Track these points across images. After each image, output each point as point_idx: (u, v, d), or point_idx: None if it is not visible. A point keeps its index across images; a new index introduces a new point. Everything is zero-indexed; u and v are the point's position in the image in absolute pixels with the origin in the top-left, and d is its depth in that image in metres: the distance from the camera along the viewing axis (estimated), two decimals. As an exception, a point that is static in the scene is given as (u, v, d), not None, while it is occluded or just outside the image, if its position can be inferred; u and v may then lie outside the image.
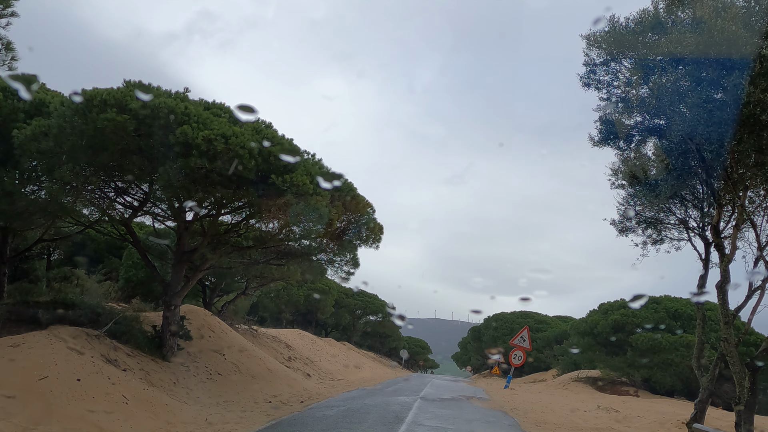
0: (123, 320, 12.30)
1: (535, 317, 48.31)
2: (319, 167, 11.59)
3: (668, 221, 8.45)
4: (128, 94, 10.19)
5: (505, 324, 48.46)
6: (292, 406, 12.03)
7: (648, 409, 17.79)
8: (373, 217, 12.69)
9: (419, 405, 13.33)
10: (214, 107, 11.45)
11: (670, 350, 24.60)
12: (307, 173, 10.80)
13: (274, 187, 10.38)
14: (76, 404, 7.39)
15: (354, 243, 12.78)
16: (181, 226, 13.08)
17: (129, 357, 10.94)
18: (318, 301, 37.54)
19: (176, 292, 12.93)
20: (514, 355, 26.15)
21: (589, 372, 30.59)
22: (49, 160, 10.12)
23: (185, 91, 11.03)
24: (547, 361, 41.88)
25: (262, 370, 14.79)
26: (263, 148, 10.36)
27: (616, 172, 8.43)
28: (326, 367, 24.29)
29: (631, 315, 26.81)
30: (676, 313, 26.52)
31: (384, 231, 13.12)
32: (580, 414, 14.90)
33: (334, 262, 14.78)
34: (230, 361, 14.09)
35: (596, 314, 28.64)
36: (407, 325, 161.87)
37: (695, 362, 8.09)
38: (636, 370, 25.92)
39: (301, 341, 27.82)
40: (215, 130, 9.90)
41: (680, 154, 6.63)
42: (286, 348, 22.82)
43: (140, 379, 10.15)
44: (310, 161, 11.54)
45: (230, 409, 10.68)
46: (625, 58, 6.30)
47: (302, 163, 10.93)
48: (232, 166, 9.95)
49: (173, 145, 9.84)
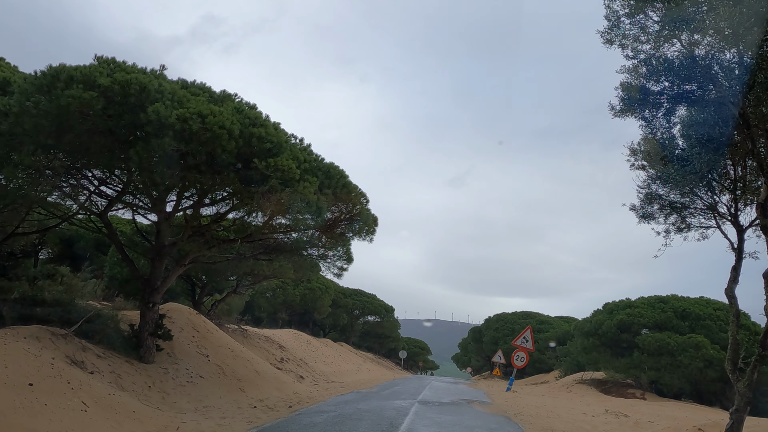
0: (96, 319, 11.40)
1: (537, 317, 47.38)
2: (308, 153, 10.69)
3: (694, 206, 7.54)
4: (98, 70, 9.28)
5: (506, 324, 47.56)
6: (278, 411, 11.11)
7: (658, 413, 16.87)
8: (367, 207, 11.78)
9: (416, 410, 12.42)
10: (193, 87, 10.55)
11: (679, 351, 23.67)
12: (293, 158, 9.91)
13: (258, 173, 9.48)
14: (23, 413, 6.47)
15: (346, 236, 11.86)
16: (161, 218, 12.16)
17: (99, 358, 10.03)
18: (314, 300, 36.61)
19: (155, 289, 12.02)
20: (516, 357, 25.24)
21: (594, 374, 29.67)
22: (8, 142, 9.20)
23: (161, 69, 10.11)
24: (549, 363, 40.96)
25: (249, 372, 13.87)
26: (245, 129, 9.46)
27: (636, 152, 7.50)
28: (321, 369, 23.38)
29: (638, 315, 25.88)
30: (684, 312, 25.59)
31: (378, 223, 12.22)
32: (588, 419, 13.98)
33: (326, 257, 13.86)
34: (215, 362, 13.17)
35: (601, 314, 27.71)
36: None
37: (730, 365, 7.17)
38: (642, 371, 24.98)
39: (295, 342, 26.92)
40: (191, 108, 8.99)
41: (716, 123, 5.71)
42: (279, 349, 21.91)
43: (109, 383, 9.24)
44: (297, 146, 10.64)
45: (209, 415, 9.76)
46: (653, 10, 5.38)
47: (289, 148, 10.02)
48: (209, 148, 9.05)
49: (145, 124, 8.93)
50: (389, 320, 50.76)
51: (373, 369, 36.01)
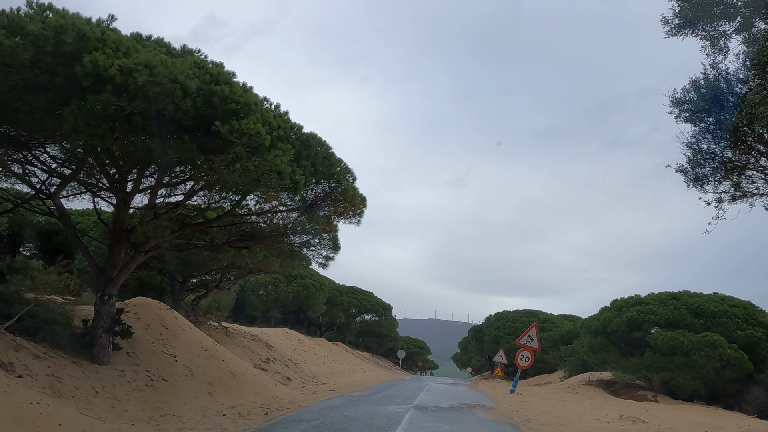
0: (40, 313, 9.89)
1: (540, 316, 45.84)
2: (283, 120, 9.17)
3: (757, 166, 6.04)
4: (28, 15, 7.80)
5: (507, 323, 46.02)
6: (250, 419, 9.60)
7: (677, 418, 15.36)
8: (354, 185, 10.26)
9: (411, 417, 10.91)
10: (148, 41, 9.04)
11: (693, 351, 22.15)
12: (264, 123, 8.38)
13: (220, 139, 7.96)
14: None
15: (331, 218, 10.34)
16: (119, 199, 10.66)
17: (36, 359, 8.51)
18: (308, 298, 35.09)
19: (111, 279, 10.51)
20: (520, 356, 23.71)
21: (601, 374, 28.16)
22: None
23: (110, 19, 8.59)
24: (553, 363, 39.43)
25: (223, 374, 12.35)
26: (205, 87, 7.94)
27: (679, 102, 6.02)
28: (311, 370, 21.87)
29: (648, 312, 24.35)
30: (698, 309, 24.06)
31: (367, 205, 10.70)
32: (603, 427, 12.48)
33: (311, 244, 12.35)
34: (183, 363, 11.66)
35: (609, 311, 26.17)
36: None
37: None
38: (655, 372, 23.46)
39: (286, 341, 25.40)
40: (137, 58, 7.48)
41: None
42: (265, 348, 20.40)
43: (41, 388, 7.73)
44: (270, 111, 9.11)
45: (164, 426, 8.26)
46: None
47: (259, 111, 8.49)
48: (159, 106, 7.53)
49: (81, 78, 7.41)
50: (387, 319, 49.19)
51: (369, 369, 34.47)
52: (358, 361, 35.51)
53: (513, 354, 35.94)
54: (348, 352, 37.81)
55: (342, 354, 33.55)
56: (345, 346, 40.85)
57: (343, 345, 40.77)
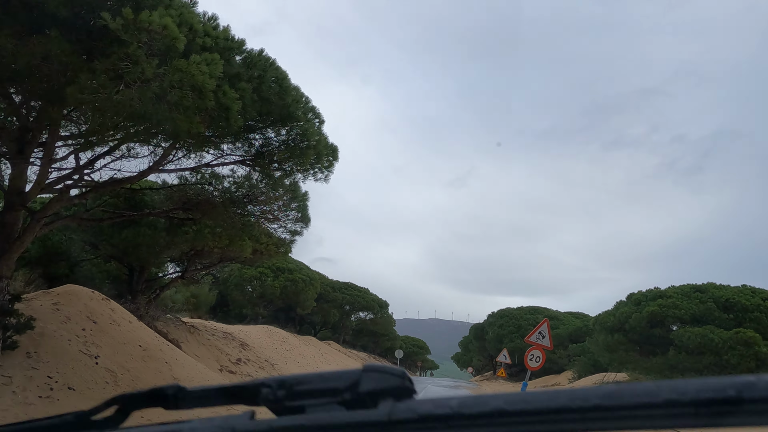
0: None
1: (545, 313, 43.23)
2: (211, 26, 6.63)
3: None
4: None
5: (511, 321, 43.49)
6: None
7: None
8: (320, 129, 7.70)
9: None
10: None
11: (725, 349, 19.65)
12: (181, 23, 5.84)
13: (107, 36, 5.43)
14: None
15: (288, 168, 7.76)
16: (13, 150, 8.11)
17: None
18: (297, 294, 32.52)
19: (1, 256, 7.97)
20: (530, 356, 21.07)
21: (616, 375, 25.64)
22: None
23: None
24: (561, 362, 36.90)
25: (161, 379, 9.82)
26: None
27: None
28: (292, 372, 19.31)
29: (671, 306, 21.81)
30: (727, 303, 21.52)
31: (338, 157, 8.14)
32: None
33: (272, 215, 9.81)
34: (107, 367, 9.12)
35: (626, 306, 23.63)
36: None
37: None
38: (680, 373, 20.93)
39: (267, 340, 22.86)
40: None
41: None
42: (238, 348, 17.86)
43: None
44: (197, 15, 6.54)
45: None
46: None
47: (173, 6, 5.94)
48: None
49: None
50: (383, 316, 46.58)
51: None
52: (350, 362, 32.95)
53: (517, 354, 33.26)
54: (340, 351, 35.26)
55: (332, 354, 30.97)
56: (338, 345, 38.32)
57: (336, 344, 38.24)
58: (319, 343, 31.81)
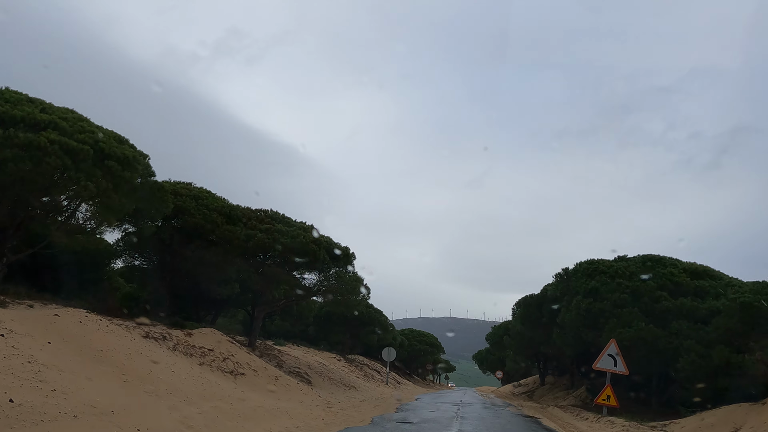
0: None
1: (678, 265, 20.87)
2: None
3: None
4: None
5: (615, 283, 20.91)
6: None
7: None
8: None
9: None
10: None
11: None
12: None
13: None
14: None
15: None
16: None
17: None
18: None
19: None
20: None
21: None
22: None
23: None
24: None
25: None
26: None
27: None
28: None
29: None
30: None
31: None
32: None
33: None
34: None
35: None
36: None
37: None
38: None
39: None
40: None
41: None
42: None
43: None
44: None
45: None
46: None
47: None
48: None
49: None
50: (349, 279, 20.49)
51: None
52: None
53: (623, 352, 17.00)
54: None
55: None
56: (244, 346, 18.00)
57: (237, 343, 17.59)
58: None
